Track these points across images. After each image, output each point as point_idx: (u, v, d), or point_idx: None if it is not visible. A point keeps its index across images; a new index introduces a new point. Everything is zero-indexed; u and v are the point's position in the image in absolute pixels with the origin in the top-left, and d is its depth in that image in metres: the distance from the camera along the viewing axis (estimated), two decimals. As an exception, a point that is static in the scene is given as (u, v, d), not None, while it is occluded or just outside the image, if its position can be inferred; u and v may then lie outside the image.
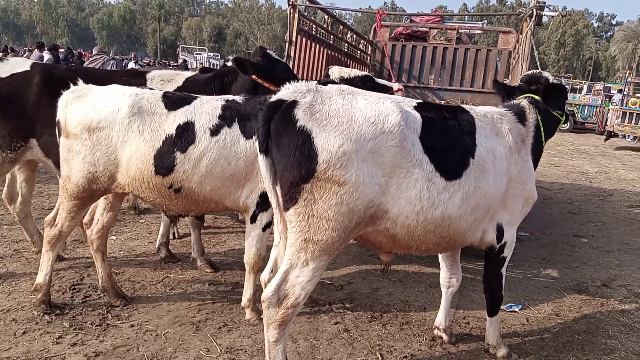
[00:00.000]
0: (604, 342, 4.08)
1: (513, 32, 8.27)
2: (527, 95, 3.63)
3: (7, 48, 21.82)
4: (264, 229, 3.79)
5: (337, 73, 5.50)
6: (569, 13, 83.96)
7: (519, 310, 4.55)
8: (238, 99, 3.78)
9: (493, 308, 3.68)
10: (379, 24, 8.80)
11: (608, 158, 16.65)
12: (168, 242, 5.16)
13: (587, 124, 24.79)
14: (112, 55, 10.66)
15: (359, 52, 9.26)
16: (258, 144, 2.74)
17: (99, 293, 4.19)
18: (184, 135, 3.51)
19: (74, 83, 4.41)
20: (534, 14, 5.95)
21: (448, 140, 2.97)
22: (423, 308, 4.43)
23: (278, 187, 2.75)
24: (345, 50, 8.50)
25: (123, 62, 15.36)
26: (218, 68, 6.84)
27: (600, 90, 25.35)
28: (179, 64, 31.86)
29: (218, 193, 3.64)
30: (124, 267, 4.81)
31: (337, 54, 8.05)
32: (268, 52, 4.85)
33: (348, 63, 8.56)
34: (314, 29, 7.14)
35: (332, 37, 7.92)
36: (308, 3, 6.99)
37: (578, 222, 7.92)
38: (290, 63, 6.32)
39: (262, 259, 3.86)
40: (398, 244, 3.02)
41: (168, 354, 3.45)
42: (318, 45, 7.24)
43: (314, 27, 7.16)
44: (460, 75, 8.59)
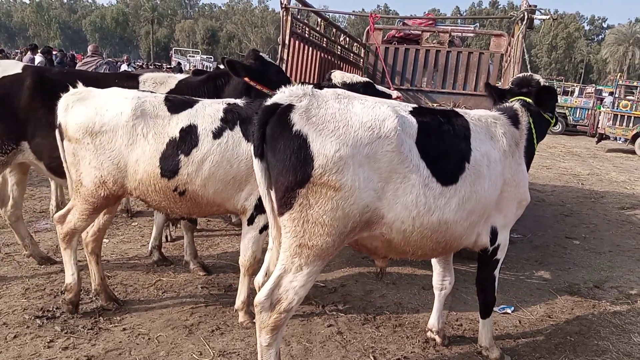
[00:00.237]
0: (596, 343, 4.11)
1: (505, 35, 8.31)
2: (519, 98, 3.65)
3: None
4: (261, 232, 3.78)
5: (339, 78, 5.54)
6: (561, 16, 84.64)
7: (512, 312, 4.56)
8: (239, 102, 3.79)
9: (486, 310, 3.69)
10: (372, 27, 8.83)
11: (600, 160, 16.77)
12: (161, 245, 5.14)
13: (579, 127, 24.95)
14: (105, 58, 10.61)
15: (352, 55, 9.28)
16: (253, 148, 2.71)
17: (91, 296, 4.17)
18: (188, 138, 3.53)
19: (68, 86, 4.40)
20: (526, 17, 5.98)
21: (444, 145, 2.96)
22: (416, 310, 4.44)
23: (273, 191, 2.74)
24: (339, 53, 8.51)
25: (117, 64, 15.28)
26: (211, 70, 6.83)
27: (592, 93, 25.56)
28: (174, 67, 31.79)
29: (220, 196, 3.65)
30: (117, 270, 4.79)
31: (330, 57, 8.06)
32: (261, 54, 4.84)
33: (341, 66, 8.58)
34: (307, 32, 7.15)
35: (325, 40, 7.93)
36: (301, 6, 7.01)
37: (570, 224, 7.97)
38: (284, 66, 6.32)
39: (257, 262, 3.85)
40: (394, 249, 3.01)
41: (160, 358, 3.43)
42: (311, 48, 7.25)
43: (307, 30, 7.17)
44: (453, 78, 8.62)
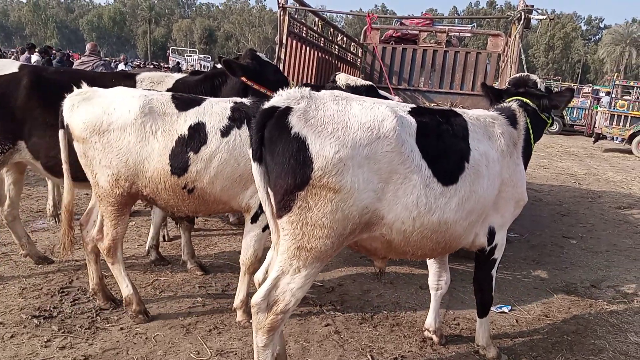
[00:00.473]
0: (593, 342, 4.12)
1: (502, 35, 8.33)
2: (516, 98, 3.66)
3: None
4: (264, 230, 3.78)
5: (343, 80, 5.57)
6: (558, 16, 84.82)
7: (509, 312, 4.57)
8: (246, 101, 3.81)
9: (483, 309, 3.69)
10: (370, 27, 8.83)
11: (597, 160, 16.81)
12: (158, 244, 5.13)
13: (576, 126, 25.00)
14: (102, 59, 10.55)
15: (350, 54, 9.28)
16: (251, 152, 2.68)
17: (88, 296, 4.17)
18: (197, 136, 3.55)
19: (64, 85, 4.39)
20: (523, 17, 6.00)
21: (443, 145, 2.96)
22: (413, 309, 4.44)
23: (272, 195, 2.72)
24: (336, 53, 8.52)
25: (112, 64, 15.28)
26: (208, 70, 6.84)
27: (589, 93, 25.60)
28: (172, 67, 31.73)
29: (227, 193, 3.67)
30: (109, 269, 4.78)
31: (327, 57, 8.06)
32: (258, 54, 4.84)
33: (339, 65, 8.58)
34: (305, 32, 7.15)
35: (322, 39, 7.93)
36: (298, 5, 7.01)
37: (567, 223, 7.99)
38: (281, 65, 6.32)
39: (258, 261, 3.83)
40: (394, 250, 3.00)
41: (158, 357, 3.43)
42: (308, 48, 7.25)
43: (305, 29, 7.17)
44: (450, 78, 8.64)
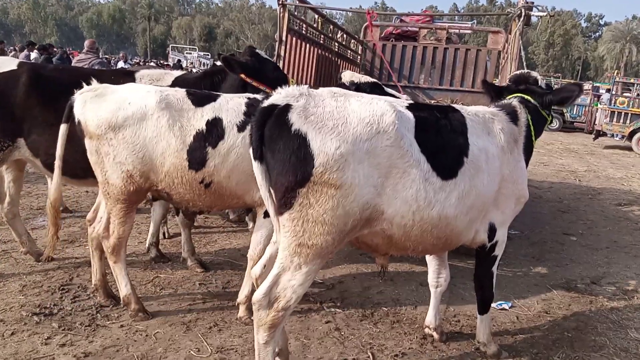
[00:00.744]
0: (593, 339, 4.12)
1: (502, 32, 8.32)
2: (517, 95, 3.65)
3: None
4: None
5: (348, 77, 5.57)
6: (558, 13, 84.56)
7: (509, 308, 4.57)
8: (259, 97, 3.82)
9: (483, 306, 3.69)
10: (370, 24, 8.81)
11: (597, 157, 16.81)
12: (158, 241, 5.13)
13: (576, 123, 25.01)
14: (101, 56, 10.53)
15: (350, 51, 9.27)
16: (252, 151, 2.68)
17: (89, 293, 4.17)
18: (214, 131, 3.58)
19: (64, 82, 4.38)
20: (523, 14, 5.98)
21: (442, 140, 2.96)
22: (414, 306, 4.44)
23: (273, 192, 2.72)
24: (336, 50, 8.50)
25: (110, 62, 15.27)
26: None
27: (589, 90, 25.55)
28: (174, 64, 31.68)
29: (242, 188, 3.69)
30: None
31: (327, 54, 8.05)
32: (257, 51, 4.83)
33: (338, 63, 8.57)
34: (304, 29, 7.14)
35: (322, 36, 7.92)
36: (298, 3, 6.99)
37: (567, 220, 7.99)
38: (281, 62, 6.31)
39: None
40: (394, 245, 3.00)
41: (158, 354, 3.43)
42: (308, 45, 7.23)
43: (304, 26, 7.15)
44: (450, 75, 8.63)
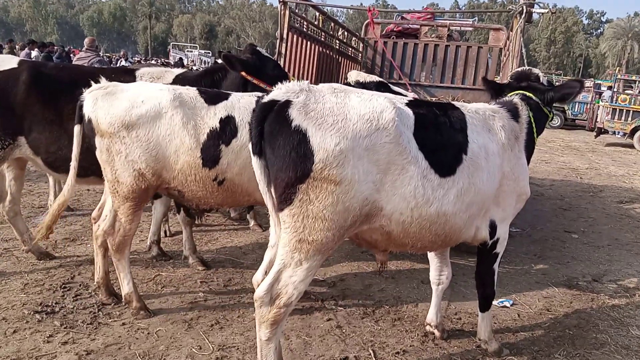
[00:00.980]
0: (595, 336, 4.12)
1: (504, 29, 8.30)
2: (518, 92, 3.64)
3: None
4: None
5: (354, 77, 5.58)
6: (559, 10, 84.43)
7: (510, 306, 4.57)
8: None
9: (485, 304, 3.69)
10: (372, 21, 8.80)
11: (598, 154, 16.79)
12: (159, 240, 5.14)
13: (577, 121, 24.98)
14: (101, 54, 10.53)
15: (351, 49, 9.26)
16: (252, 146, 2.69)
17: (90, 291, 4.18)
18: (227, 129, 3.63)
19: (64, 80, 4.38)
20: (524, 11, 5.97)
21: (440, 137, 2.96)
22: (415, 304, 4.45)
23: (272, 188, 2.73)
24: (337, 48, 8.49)
25: (111, 61, 15.28)
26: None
27: (591, 87, 25.47)
28: (175, 62, 31.72)
29: (254, 185, 3.71)
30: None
31: (328, 51, 8.04)
32: (258, 49, 4.83)
33: (339, 60, 8.56)
34: (305, 26, 7.13)
35: (323, 34, 7.91)
36: (299, 0, 6.98)
37: (569, 218, 7.98)
38: (282, 60, 6.30)
39: None
40: (393, 242, 3.01)
41: (160, 352, 3.43)
42: (309, 43, 7.23)
43: (305, 24, 7.14)
44: (452, 73, 8.61)
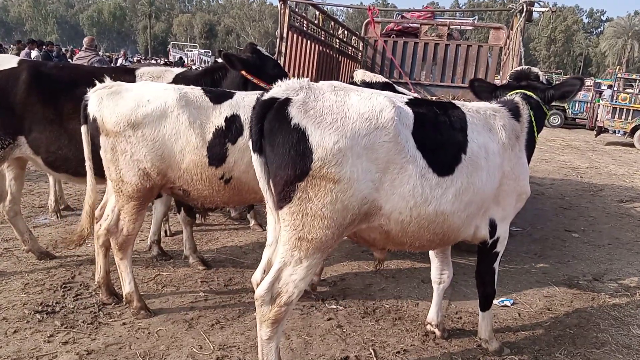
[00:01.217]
0: (595, 335, 4.12)
1: (504, 28, 8.29)
2: (518, 91, 3.63)
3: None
4: None
5: (360, 76, 5.59)
6: (559, 9, 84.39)
7: (511, 305, 4.57)
8: None
9: (485, 303, 3.69)
10: (372, 20, 8.79)
11: (599, 153, 16.78)
12: (160, 239, 5.14)
13: (577, 120, 24.94)
14: (100, 54, 10.52)
15: (351, 48, 9.25)
16: (251, 143, 2.70)
17: (91, 291, 4.18)
18: (233, 127, 3.64)
19: (64, 80, 4.37)
20: (524, 10, 5.97)
21: (440, 136, 2.96)
22: (416, 303, 4.44)
23: (272, 186, 2.73)
24: (337, 47, 8.48)
25: (111, 60, 15.27)
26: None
27: (591, 86, 25.47)
28: (175, 61, 31.75)
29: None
30: (115, 264, 4.77)
31: (328, 50, 8.03)
32: (258, 48, 4.83)
33: (340, 59, 8.55)
34: (305, 25, 7.12)
35: (323, 33, 7.90)
36: (299, -1, 6.97)
37: (569, 217, 7.98)
38: (282, 59, 6.29)
39: None
40: (392, 241, 3.01)
41: (160, 352, 3.43)
42: (309, 42, 7.22)
43: (305, 23, 7.14)
44: (452, 72, 8.60)
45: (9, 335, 3.48)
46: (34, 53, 14.34)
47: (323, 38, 7.84)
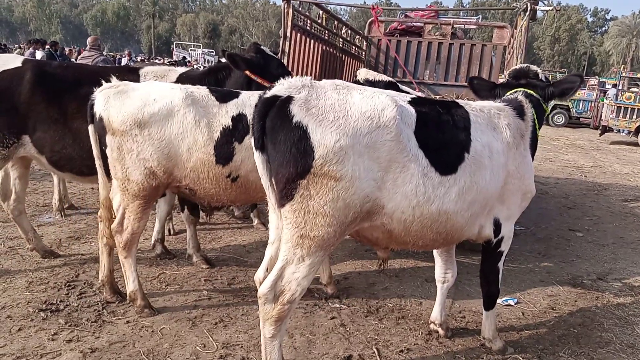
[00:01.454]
0: (599, 335, 4.10)
1: (508, 27, 8.27)
2: (519, 90, 3.61)
3: (0, 45, 21.71)
4: None
5: (364, 75, 5.61)
6: (564, 8, 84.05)
7: (515, 304, 4.56)
8: None
9: (489, 302, 3.68)
10: (376, 19, 8.78)
11: (603, 152, 16.72)
12: (163, 238, 5.15)
13: (582, 119, 24.84)
14: (105, 53, 10.53)
15: (354, 47, 9.24)
16: (253, 141, 2.71)
17: (95, 290, 4.19)
18: (240, 126, 3.67)
19: (68, 79, 4.38)
20: (529, 9, 5.95)
21: (442, 135, 2.95)
22: (419, 302, 4.44)
23: (274, 183, 2.73)
24: (340, 46, 8.48)
25: (114, 60, 15.25)
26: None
27: (595, 85, 25.37)
28: (178, 61, 31.82)
29: None
30: (119, 263, 4.78)
31: (332, 50, 8.03)
32: (262, 48, 4.84)
33: (343, 58, 8.55)
34: (309, 25, 7.12)
35: (327, 32, 7.90)
36: (302, -2, 6.97)
37: (573, 216, 7.96)
38: (285, 58, 6.29)
39: None
40: (395, 240, 3.01)
41: (164, 350, 3.44)
42: (313, 41, 7.21)
43: (309, 22, 7.13)
44: (456, 71, 8.58)
45: (14, 333, 3.50)
46: (39, 53, 14.13)
47: (326, 37, 7.83)
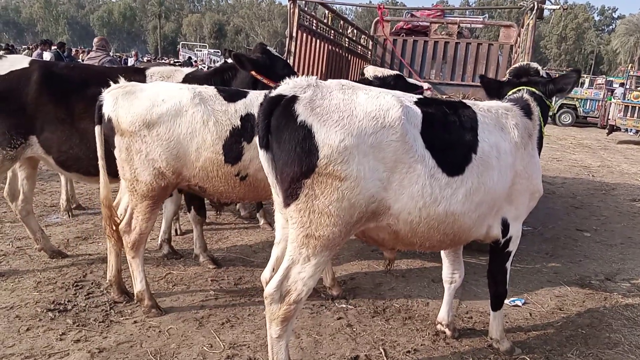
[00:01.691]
0: (608, 335, 4.08)
1: (514, 26, 8.23)
2: (522, 88, 3.59)
3: (8, 46, 21.87)
4: None
5: (371, 72, 5.64)
6: (570, 7, 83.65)
7: (522, 305, 4.54)
8: None
9: (497, 302, 3.66)
10: (382, 19, 8.77)
11: (610, 152, 16.62)
12: (170, 238, 5.16)
13: (589, 118, 24.73)
14: (111, 54, 10.55)
15: (360, 47, 9.24)
16: (258, 140, 2.72)
17: (102, 290, 4.20)
18: (248, 126, 3.69)
19: (75, 80, 4.40)
20: (535, 8, 5.92)
21: (449, 136, 2.94)
22: (426, 303, 4.42)
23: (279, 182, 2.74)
24: (346, 46, 8.47)
25: (120, 60, 15.27)
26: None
27: (602, 84, 25.28)
28: (184, 61, 31.91)
29: None
30: (127, 263, 4.80)
31: (338, 49, 8.02)
32: (268, 48, 4.84)
33: (349, 58, 8.54)
34: (315, 24, 7.11)
35: (332, 32, 7.89)
36: (308, -2, 6.97)
37: (581, 216, 7.91)
38: (291, 58, 6.30)
39: None
40: (401, 241, 3.00)
41: (171, 350, 3.45)
42: (319, 41, 7.21)
43: (315, 22, 7.13)
44: (462, 70, 8.55)
45: (22, 333, 3.52)
46: (47, 54, 14.04)
47: (332, 37, 7.83)
